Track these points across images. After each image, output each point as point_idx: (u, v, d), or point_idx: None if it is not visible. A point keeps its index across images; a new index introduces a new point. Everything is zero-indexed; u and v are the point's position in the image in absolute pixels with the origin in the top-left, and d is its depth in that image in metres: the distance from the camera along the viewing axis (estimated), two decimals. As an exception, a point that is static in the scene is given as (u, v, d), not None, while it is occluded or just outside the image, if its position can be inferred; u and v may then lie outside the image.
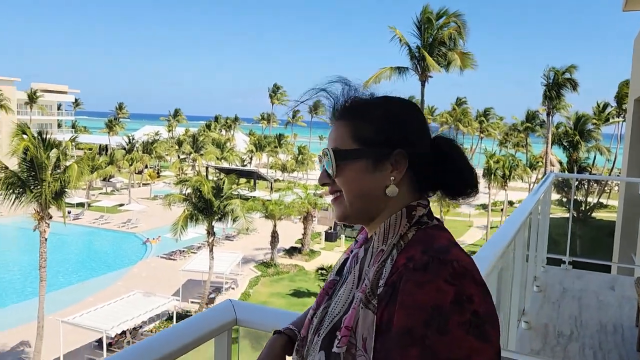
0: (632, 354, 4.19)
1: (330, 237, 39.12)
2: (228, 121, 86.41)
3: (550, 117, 39.88)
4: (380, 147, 1.01)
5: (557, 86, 36.98)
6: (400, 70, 25.15)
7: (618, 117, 48.46)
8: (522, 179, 47.43)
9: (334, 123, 1.08)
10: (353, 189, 1.02)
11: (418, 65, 24.64)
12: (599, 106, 47.55)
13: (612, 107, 47.43)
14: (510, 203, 48.85)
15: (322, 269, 23.10)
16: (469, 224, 47.91)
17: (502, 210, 43.93)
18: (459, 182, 1.05)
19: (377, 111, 1.04)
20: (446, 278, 0.85)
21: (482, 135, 59.11)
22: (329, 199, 1.11)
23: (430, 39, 24.65)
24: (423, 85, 25.05)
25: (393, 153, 1.00)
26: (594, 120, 44.00)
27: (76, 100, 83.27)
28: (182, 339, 1.25)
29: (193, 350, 1.27)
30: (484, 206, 51.92)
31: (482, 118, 58.43)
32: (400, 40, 25.36)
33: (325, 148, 1.05)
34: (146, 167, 59.20)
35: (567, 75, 37.24)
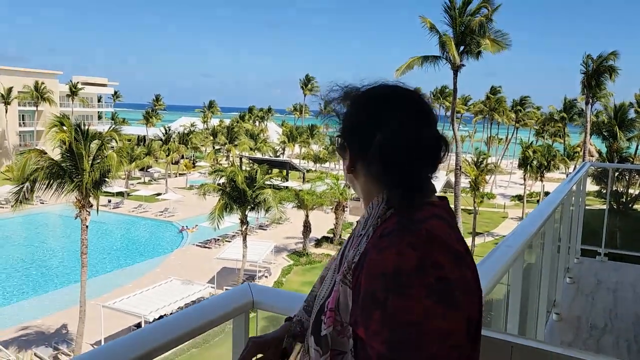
0: (667, 347, 4.08)
1: (363, 227, 38.99)
2: (261, 112, 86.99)
3: (590, 106, 38.50)
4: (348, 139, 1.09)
5: (596, 74, 35.60)
6: (431, 59, 24.77)
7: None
8: (558, 170, 46.11)
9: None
10: (346, 174, 1.13)
11: (451, 55, 24.19)
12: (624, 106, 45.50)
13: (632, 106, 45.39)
14: (547, 194, 47.59)
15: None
16: (504, 214, 47.03)
17: (538, 201, 42.90)
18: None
19: (350, 105, 1.12)
20: (409, 243, 0.85)
21: (517, 125, 57.63)
22: None
23: (463, 28, 24.13)
24: (455, 75, 24.61)
25: (347, 145, 1.08)
26: (636, 109, 42.22)
27: (115, 92, 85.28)
28: (200, 319, 1.30)
29: (212, 331, 1.32)
30: (520, 197, 50.83)
31: (518, 107, 56.88)
32: (431, 29, 24.92)
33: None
34: (182, 157, 60.22)
35: (608, 63, 35.81)
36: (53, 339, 21.13)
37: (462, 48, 24.27)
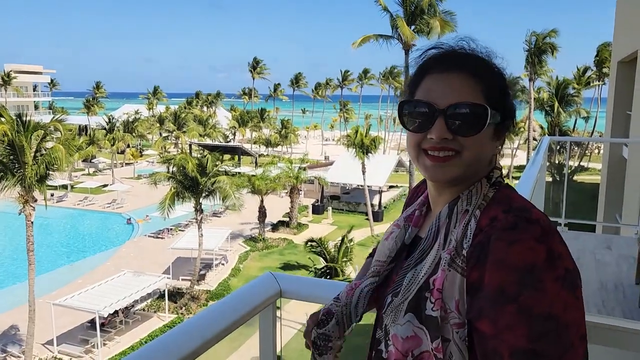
0: (635, 310, 4.27)
1: (318, 209, 39.24)
2: (209, 97, 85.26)
3: (532, 83, 39.95)
4: (505, 116, 1.00)
5: (538, 51, 36.96)
6: (384, 37, 24.92)
7: (598, 81, 48.85)
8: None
9: (453, 73, 0.98)
10: (476, 151, 0.97)
11: (401, 34, 24.43)
12: (579, 70, 47.78)
13: (592, 70, 47.72)
14: (494, 170, 49.24)
15: (311, 240, 23.23)
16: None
17: (486, 177, 44.33)
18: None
19: (501, 74, 1.02)
20: (537, 237, 0.84)
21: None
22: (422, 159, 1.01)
23: (413, 7, 24.37)
24: (407, 54, 24.89)
25: (511, 125, 1.02)
26: (575, 85, 44.26)
27: (52, 80, 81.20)
28: (233, 314, 1.21)
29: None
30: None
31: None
32: (383, 8, 25.06)
33: (462, 102, 0.95)
34: (128, 146, 58.36)
35: (549, 40, 37.19)
36: (1, 340, 20.20)
37: (412, 27, 24.52)
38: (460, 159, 0.96)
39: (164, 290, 22.93)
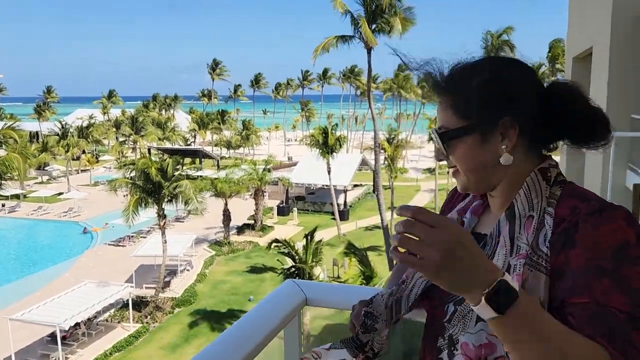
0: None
1: (283, 211, 39.03)
2: (167, 100, 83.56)
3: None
4: (484, 119, 0.97)
5: (494, 49, 37.91)
6: (346, 38, 24.92)
7: (552, 77, 50.49)
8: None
9: (437, 99, 1.04)
10: (466, 164, 1.01)
11: (363, 34, 24.46)
12: (534, 66, 49.05)
13: (546, 67, 49.28)
14: (455, 165, 50.21)
15: (276, 241, 22.83)
16: (417, 188, 49.12)
17: (448, 172, 45.17)
18: (585, 125, 0.99)
19: (476, 79, 0.98)
20: (625, 219, 0.86)
21: (424, 100, 60.14)
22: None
23: (374, 6, 24.45)
24: (369, 53, 24.96)
25: (499, 123, 0.96)
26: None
27: (-2, 85, 77.84)
28: (262, 330, 1.08)
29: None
30: (431, 170, 53.30)
31: (424, 83, 59.16)
32: (342, 10, 25.03)
33: (433, 129, 1.04)
34: (83, 152, 56.57)
35: (504, 37, 38.21)
36: (-47, 361, 19.12)
37: (373, 27, 24.60)
38: (460, 172, 1.03)
39: (128, 300, 22.26)
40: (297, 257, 20.45)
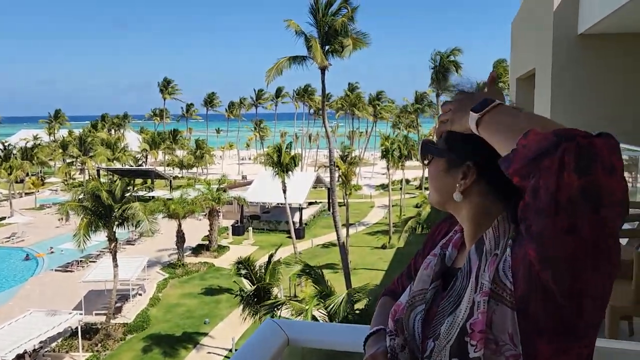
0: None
1: (238, 230, 38.61)
2: (116, 119, 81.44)
3: (438, 98, 42.25)
4: (455, 153, 1.04)
5: (443, 69, 39.31)
6: (299, 59, 25.14)
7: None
8: (416, 158, 49.93)
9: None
10: (431, 181, 1.10)
11: (314, 58, 24.73)
12: (479, 85, 50.98)
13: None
14: (407, 181, 51.35)
15: (240, 262, 22.12)
16: (371, 204, 49.72)
17: (401, 189, 46.03)
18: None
19: None
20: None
21: (376, 118, 61.23)
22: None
23: (327, 28, 24.83)
24: (323, 73, 25.26)
25: (463, 164, 1.02)
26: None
27: None
28: None
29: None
30: (384, 186, 54.10)
31: (376, 102, 60.43)
32: (296, 31, 25.28)
33: (424, 137, 1.17)
34: (27, 175, 54.19)
35: (452, 58, 39.70)
36: None
37: (327, 47, 24.96)
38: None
39: (77, 328, 21.36)
40: (254, 279, 20.24)
